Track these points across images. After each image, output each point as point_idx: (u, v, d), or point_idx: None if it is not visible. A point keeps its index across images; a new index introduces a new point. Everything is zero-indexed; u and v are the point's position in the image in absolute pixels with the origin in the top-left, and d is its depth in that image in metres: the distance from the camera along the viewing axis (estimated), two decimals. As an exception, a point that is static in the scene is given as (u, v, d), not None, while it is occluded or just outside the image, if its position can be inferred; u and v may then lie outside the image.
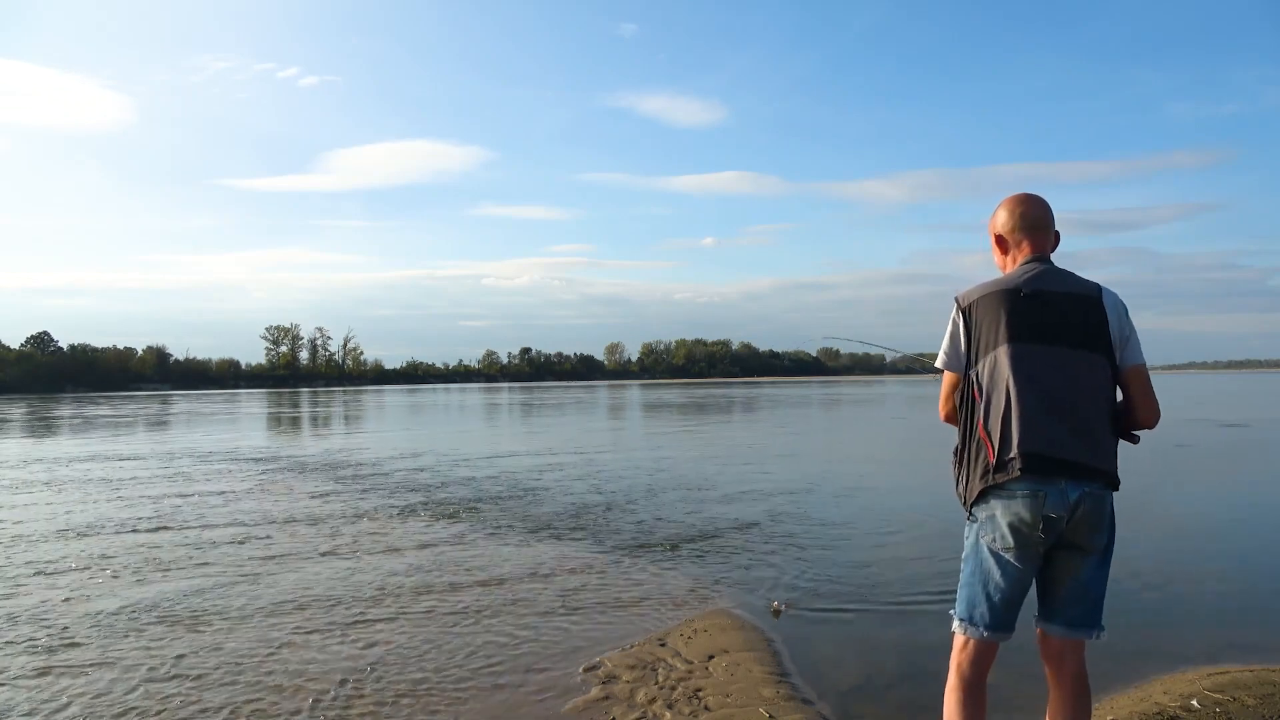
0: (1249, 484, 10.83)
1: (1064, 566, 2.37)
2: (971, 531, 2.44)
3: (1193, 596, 5.27)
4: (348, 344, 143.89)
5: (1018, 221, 2.53)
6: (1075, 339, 2.36)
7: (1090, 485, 2.30)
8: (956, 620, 2.47)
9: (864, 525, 7.60)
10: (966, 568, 2.46)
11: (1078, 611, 2.38)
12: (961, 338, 2.46)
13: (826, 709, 3.56)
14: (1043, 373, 2.32)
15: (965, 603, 2.44)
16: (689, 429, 22.43)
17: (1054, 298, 2.39)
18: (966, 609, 2.44)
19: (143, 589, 5.56)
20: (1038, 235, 2.51)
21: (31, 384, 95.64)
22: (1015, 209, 2.55)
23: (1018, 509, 2.30)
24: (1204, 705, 3.42)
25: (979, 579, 2.41)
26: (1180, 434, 17.28)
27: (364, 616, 4.90)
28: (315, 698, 3.67)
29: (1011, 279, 2.44)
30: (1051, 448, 2.27)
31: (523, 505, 9.00)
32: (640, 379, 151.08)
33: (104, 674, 3.98)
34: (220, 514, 8.58)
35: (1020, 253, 2.53)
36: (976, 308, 2.43)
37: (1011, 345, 2.34)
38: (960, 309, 2.47)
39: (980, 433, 2.37)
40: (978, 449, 2.39)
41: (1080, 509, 2.28)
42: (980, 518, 2.40)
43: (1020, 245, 2.53)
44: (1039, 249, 2.51)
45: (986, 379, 2.38)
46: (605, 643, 4.42)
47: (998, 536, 2.35)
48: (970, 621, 2.42)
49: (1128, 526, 7.74)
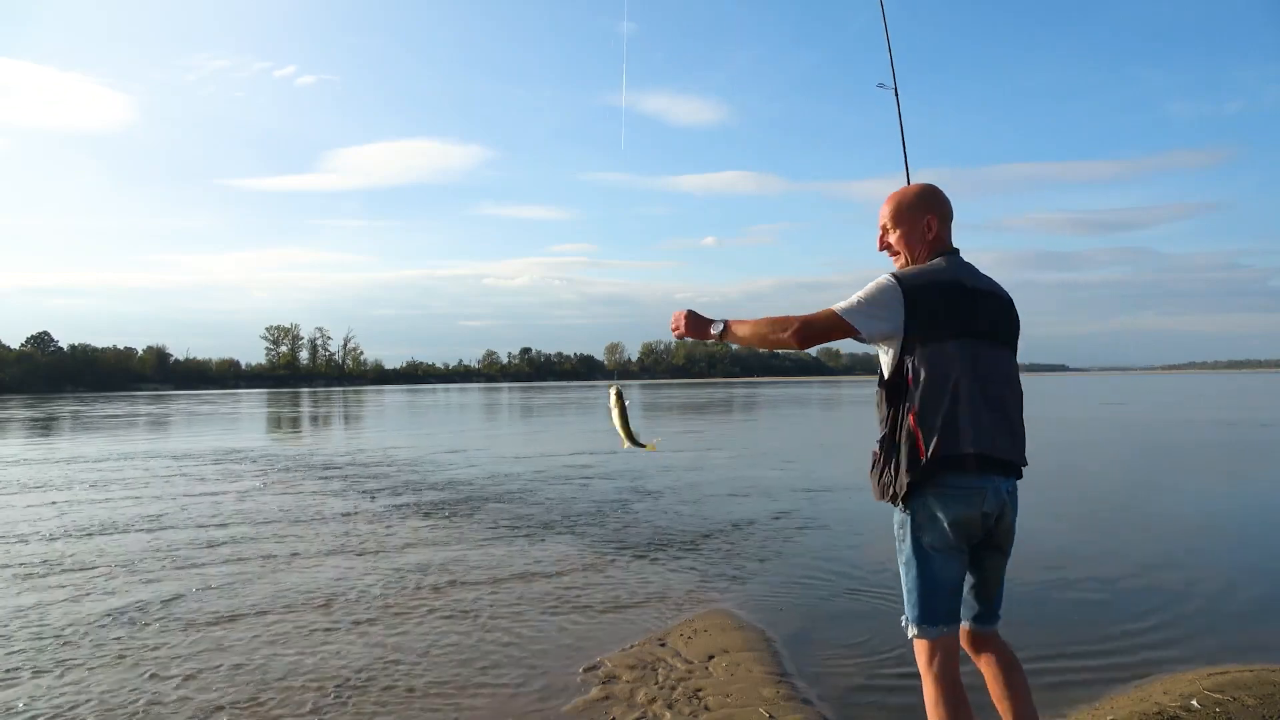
0: (1249, 484, 10.82)
1: (991, 563, 2.46)
2: (907, 533, 2.36)
3: (1193, 596, 5.27)
4: (348, 344, 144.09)
5: (942, 210, 2.52)
6: (1005, 337, 2.45)
7: (1014, 482, 2.41)
8: (915, 628, 2.38)
9: (865, 525, 7.60)
10: (911, 572, 2.38)
11: (999, 603, 2.53)
12: (900, 317, 2.32)
13: (826, 709, 3.56)
14: (988, 371, 2.35)
15: (920, 607, 2.37)
16: (689, 429, 22.42)
17: (990, 296, 2.43)
18: (924, 613, 2.37)
19: (143, 589, 5.55)
20: (949, 226, 2.54)
21: (31, 384, 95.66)
22: (938, 195, 2.53)
23: (960, 508, 2.31)
24: (1204, 705, 3.42)
25: (928, 580, 2.36)
26: (1207, 434, 17.26)
27: (364, 616, 4.90)
28: (316, 698, 3.67)
29: (950, 272, 2.40)
30: (995, 449, 2.32)
31: (523, 505, 9.00)
32: (641, 379, 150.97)
33: (104, 674, 3.98)
34: (220, 514, 8.57)
35: (937, 243, 2.48)
36: (921, 294, 2.33)
37: (961, 341, 2.33)
38: (902, 289, 2.34)
39: (911, 423, 2.30)
40: (908, 439, 2.31)
41: (1008, 505, 2.38)
42: (918, 517, 2.34)
43: (940, 236, 2.50)
44: (951, 241, 2.53)
45: (925, 369, 2.30)
46: (605, 643, 4.42)
47: (939, 535, 2.33)
48: (931, 623, 2.36)
49: (1129, 527, 7.75)
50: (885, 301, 2.34)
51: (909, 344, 2.32)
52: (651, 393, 59.80)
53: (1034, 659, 4.07)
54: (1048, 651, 4.16)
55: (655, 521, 7.94)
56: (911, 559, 2.37)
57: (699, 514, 8.34)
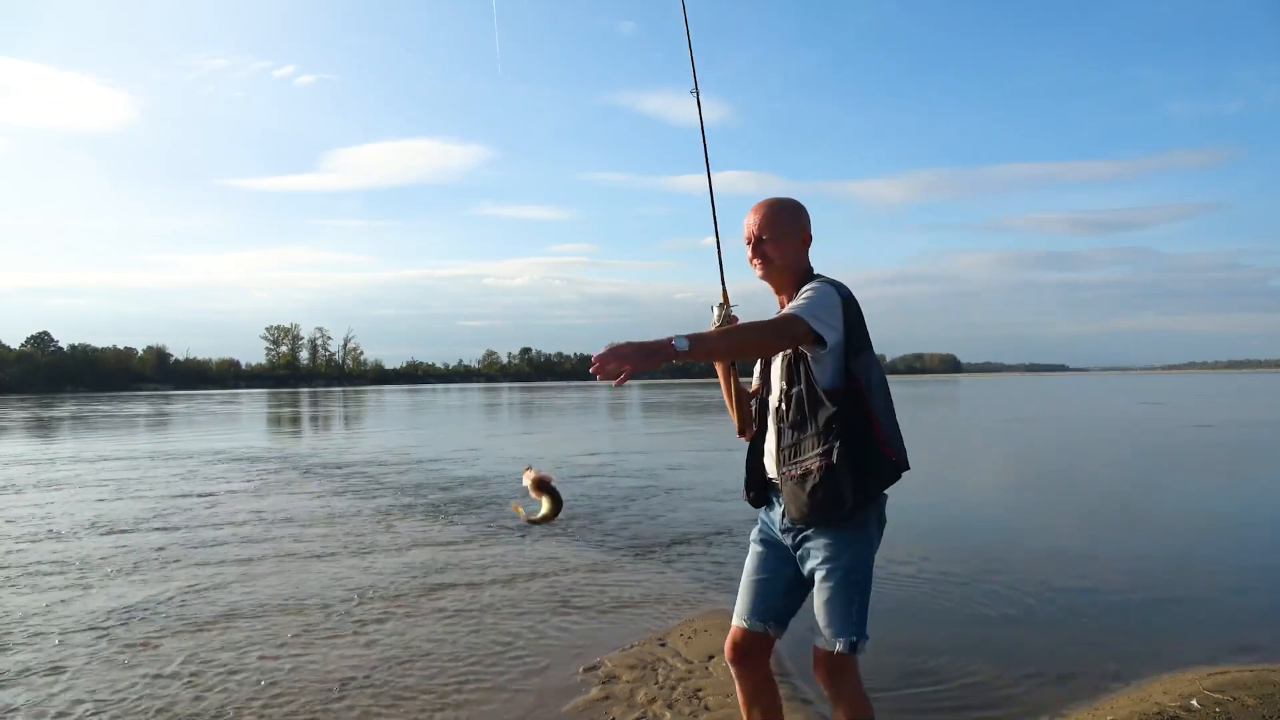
0: (1248, 484, 10.82)
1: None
2: (862, 538, 2.27)
3: (1193, 596, 5.27)
4: (348, 344, 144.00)
5: (809, 224, 2.48)
6: None
7: None
8: (863, 642, 2.24)
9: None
10: (865, 590, 2.27)
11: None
12: (842, 325, 2.24)
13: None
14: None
15: (865, 623, 2.26)
16: (690, 430, 22.42)
17: None
18: (865, 624, 2.26)
19: (143, 589, 5.56)
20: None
21: (31, 384, 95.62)
22: (806, 210, 2.48)
23: (883, 515, 2.34)
24: (1204, 705, 3.42)
25: (868, 591, 2.29)
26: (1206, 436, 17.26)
27: (365, 616, 4.90)
28: (316, 698, 3.67)
29: (840, 284, 2.35)
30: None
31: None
32: (641, 378, 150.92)
33: (104, 674, 3.98)
34: (220, 514, 8.57)
35: (806, 257, 2.46)
36: (851, 303, 2.28)
37: (873, 353, 2.32)
38: (840, 296, 2.27)
39: (876, 429, 2.23)
40: (872, 449, 2.21)
41: None
42: (870, 531, 2.28)
43: (808, 249, 2.48)
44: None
45: (863, 376, 2.25)
46: (605, 643, 4.42)
47: (878, 541, 2.33)
48: (867, 637, 2.26)
49: (1129, 527, 7.74)
50: (834, 309, 2.24)
51: (849, 352, 2.25)
52: (652, 393, 59.79)
53: (1034, 659, 4.07)
54: (1048, 651, 4.16)
55: (656, 522, 7.94)
56: (868, 576, 2.28)
57: (699, 514, 8.33)
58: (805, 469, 2.24)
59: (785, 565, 2.41)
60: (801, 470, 2.25)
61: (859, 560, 2.25)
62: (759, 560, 2.47)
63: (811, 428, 2.24)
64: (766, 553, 2.46)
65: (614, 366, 1.96)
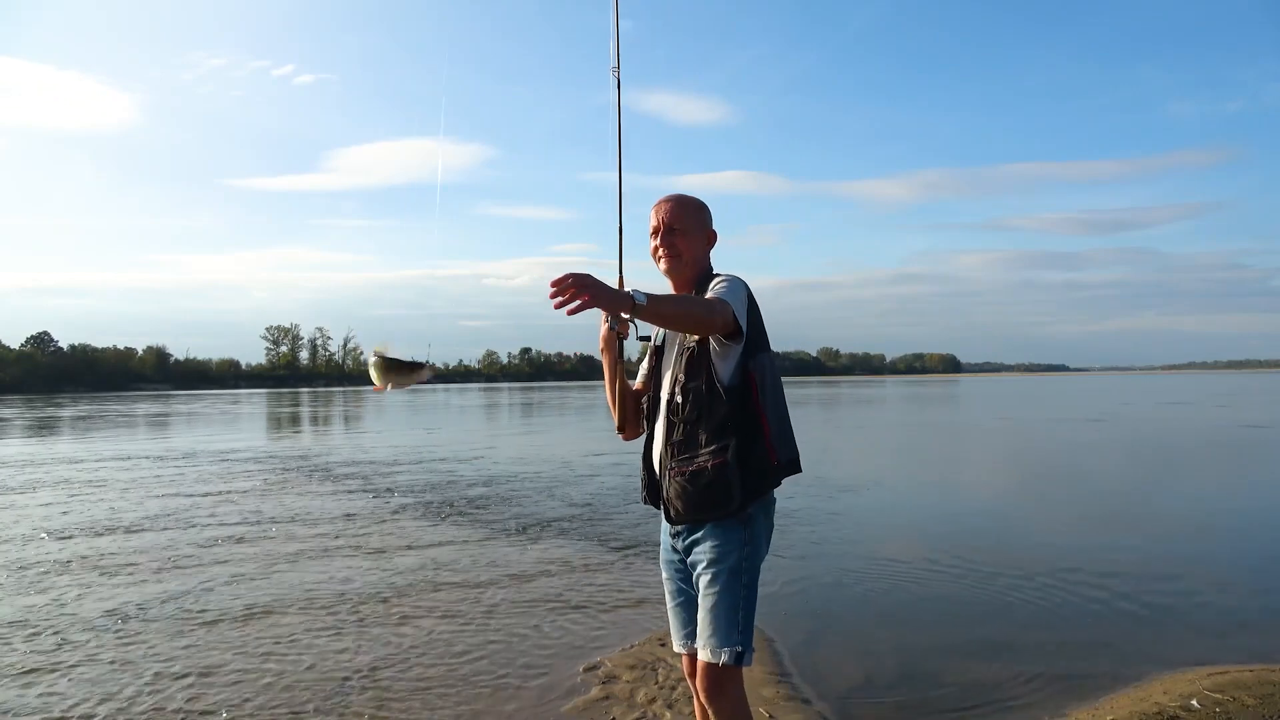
0: (1249, 484, 10.81)
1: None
2: (750, 539, 2.21)
3: (1193, 596, 5.27)
4: (348, 344, 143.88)
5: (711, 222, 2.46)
6: None
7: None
8: (749, 654, 2.16)
9: (864, 525, 7.59)
10: (749, 592, 2.19)
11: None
12: (745, 318, 2.18)
13: (826, 709, 3.56)
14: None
15: (749, 632, 2.19)
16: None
17: None
18: (751, 636, 2.19)
19: (144, 588, 5.56)
20: None
21: (31, 384, 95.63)
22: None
23: (771, 520, 2.30)
24: (1204, 705, 3.42)
25: (755, 598, 2.21)
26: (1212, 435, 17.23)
27: (365, 616, 4.90)
28: (316, 697, 3.68)
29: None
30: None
31: (523, 505, 9.00)
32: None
33: (105, 674, 3.98)
34: (220, 514, 8.57)
35: (710, 259, 2.43)
36: (753, 299, 2.24)
37: (771, 354, 2.28)
38: (747, 291, 2.23)
39: (764, 425, 2.17)
40: (760, 447, 2.17)
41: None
42: (759, 530, 2.23)
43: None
44: None
45: (769, 375, 2.22)
46: (605, 643, 4.43)
47: (766, 547, 2.29)
48: (753, 649, 2.19)
49: (1129, 528, 7.74)
50: (745, 300, 2.19)
51: (749, 347, 2.20)
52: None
53: (1034, 659, 4.08)
54: (1048, 651, 4.17)
55: (656, 521, 7.93)
56: (753, 579, 2.20)
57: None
58: (698, 465, 2.19)
59: (690, 583, 2.35)
60: (694, 467, 2.20)
61: (747, 562, 2.19)
62: (670, 585, 2.44)
63: (705, 424, 2.18)
64: (671, 575, 2.43)
65: (573, 294, 1.86)
